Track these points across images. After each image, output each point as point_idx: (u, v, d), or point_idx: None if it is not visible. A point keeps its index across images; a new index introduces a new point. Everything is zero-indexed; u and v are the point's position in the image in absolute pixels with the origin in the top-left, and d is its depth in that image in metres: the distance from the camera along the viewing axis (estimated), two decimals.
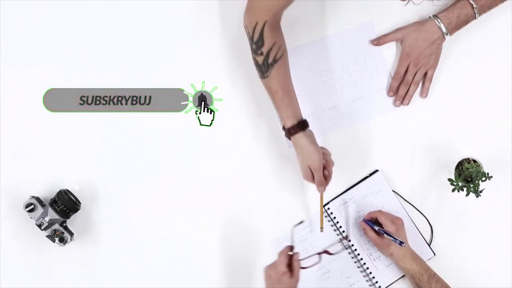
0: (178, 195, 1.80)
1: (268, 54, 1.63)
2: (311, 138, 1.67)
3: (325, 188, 1.71)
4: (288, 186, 1.81)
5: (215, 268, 1.80)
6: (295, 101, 1.67)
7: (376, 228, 1.73)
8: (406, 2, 1.46)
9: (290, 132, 1.66)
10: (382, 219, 1.73)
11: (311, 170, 1.67)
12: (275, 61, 1.64)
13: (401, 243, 1.68)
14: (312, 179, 1.69)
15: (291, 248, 1.64)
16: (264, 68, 1.64)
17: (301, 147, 1.66)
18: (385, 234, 1.71)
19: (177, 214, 1.80)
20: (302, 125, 1.66)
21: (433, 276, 1.70)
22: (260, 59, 1.64)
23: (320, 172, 1.67)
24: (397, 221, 1.73)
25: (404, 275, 1.78)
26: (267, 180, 1.81)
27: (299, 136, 1.65)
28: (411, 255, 1.72)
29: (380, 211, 1.76)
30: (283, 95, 1.65)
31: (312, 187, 1.77)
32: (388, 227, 1.71)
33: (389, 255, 1.73)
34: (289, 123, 1.65)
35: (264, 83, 1.68)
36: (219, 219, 1.80)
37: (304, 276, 1.78)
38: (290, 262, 1.62)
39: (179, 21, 1.82)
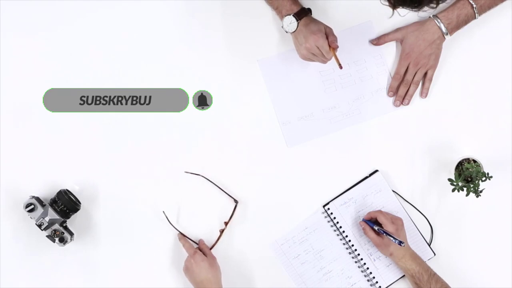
0: (178, 195, 1.80)
1: None
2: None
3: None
4: (287, 187, 1.81)
5: None
6: None
7: (376, 228, 1.73)
8: (391, 14, 1.47)
9: (300, 15, 1.70)
10: (381, 219, 1.73)
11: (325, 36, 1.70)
12: None
13: (400, 242, 1.68)
14: (326, 40, 1.70)
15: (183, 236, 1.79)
16: None
17: (312, 21, 1.70)
18: (384, 234, 1.71)
19: (177, 214, 1.80)
20: (309, 9, 1.73)
21: (432, 276, 1.70)
22: None
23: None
24: (397, 221, 1.73)
25: (404, 275, 1.77)
26: (266, 180, 1.81)
27: (310, 16, 1.72)
28: (411, 255, 1.72)
29: (379, 211, 1.76)
30: None
31: (310, 187, 1.79)
32: (388, 227, 1.71)
33: (389, 255, 1.73)
34: (297, 8, 1.70)
35: None
36: (218, 219, 1.80)
37: (305, 276, 1.79)
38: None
39: (179, 21, 1.82)
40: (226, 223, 1.79)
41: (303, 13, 1.70)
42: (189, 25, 1.82)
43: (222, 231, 1.79)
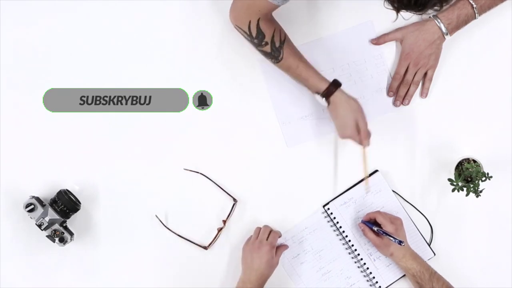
0: (178, 194, 1.80)
1: (273, 41, 1.66)
2: (347, 93, 1.70)
3: (369, 142, 1.72)
4: (287, 187, 1.81)
5: (214, 269, 1.80)
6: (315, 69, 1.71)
7: (375, 228, 1.73)
8: (395, 18, 1.47)
9: (328, 93, 1.68)
10: (380, 219, 1.72)
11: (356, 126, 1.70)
12: (282, 42, 1.67)
13: (400, 242, 1.68)
14: (358, 134, 1.70)
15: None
16: (275, 53, 1.67)
17: (343, 103, 1.69)
18: (384, 234, 1.71)
19: (178, 214, 1.80)
20: (336, 82, 1.69)
21: (434, 275, 1.70)
22: (267, 48, 1.67)
23: (366, 121, 1.70)
24: (396, 221, 1.73)
25: (404, 276, 1.77)
26: (266, 180, 1.81)
27: (339, 94, 1.69)
28: (411, 254, 1.72)
29: (378, 212, 1.76)
30: (305, 65, 1.69)
31: (310, 187, 1.79)
32: (387, 227, 1.71)
33: (389, 255, 1.73)
34: (324, 86, 1.69)
35: (280, 66, 1.71)
36: (219, 220, 1.80)
37: (304, 276, 1.79)
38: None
39: (179, 21, 1.82)
40: (224, 222, 1.79)
41: (330, 89, 1.69)
42: (189, 25, 1.82)
43: (220, 230, 1.79)
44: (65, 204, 1.73)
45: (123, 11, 1.82)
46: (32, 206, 1.71)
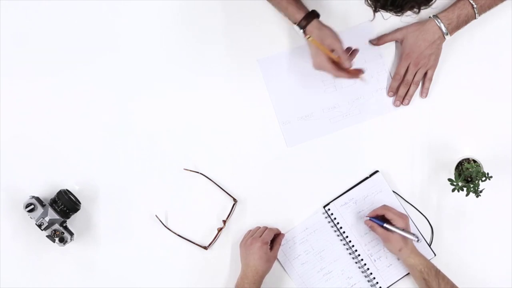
0: (177, 193, 1.80)
1: None
2: (323, 23, 1.71)
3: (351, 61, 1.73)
4: (287, 187, 1.81)
5: (214, 269, 1.80)
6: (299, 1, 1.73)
7: (386, 225, 1.70)
8: (372, 18, 1.47)
9: (306, 21, 1.69)
10: (390, 215, 1.71)
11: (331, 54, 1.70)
12: None
13: (416, 237, 1.68)
14: (332, 64, 1.70)
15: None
16: None
17: (319, 30, 1.69)
18: (397, 230, 1.69)
19: (178, 214, 1.80)
20: (314, 12, 1.71)
21: (438, 273, 1.69)
22: None
23: (342, 45, 1.70)
24: (404, 217, 1.72)
25: (404, 276, 1.77)
26: (266, 180, 1.81)
27: (314, 23, 1.70)
28: (417, 252, 1.72)
29: (385, 207, 1.73)
30: None
31: (310, 187, 1.79)
32: (398, 222, 1.69)
33: (398, 251, 1.71)
34: (301, 15, 1.70)
35: None
36: (217, 218, 1.80)
37: (305, 277, 1.79)
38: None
39: (179, 21, 1.83)
40: (224, 222, 1.79)
41: (307, 19, 1.70)
42: (188, 25, 1.82)
43: (220, 230, 1.79)
44: (65, 204, 1.73)
45: (123, 13, 1.83)
46: (32, 206, 1.71)
